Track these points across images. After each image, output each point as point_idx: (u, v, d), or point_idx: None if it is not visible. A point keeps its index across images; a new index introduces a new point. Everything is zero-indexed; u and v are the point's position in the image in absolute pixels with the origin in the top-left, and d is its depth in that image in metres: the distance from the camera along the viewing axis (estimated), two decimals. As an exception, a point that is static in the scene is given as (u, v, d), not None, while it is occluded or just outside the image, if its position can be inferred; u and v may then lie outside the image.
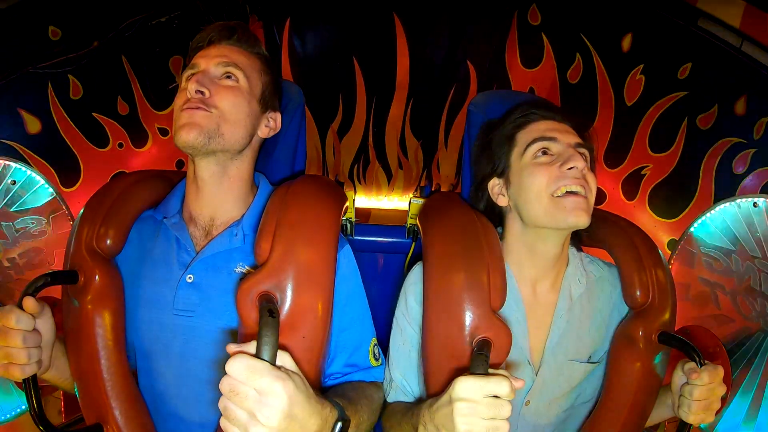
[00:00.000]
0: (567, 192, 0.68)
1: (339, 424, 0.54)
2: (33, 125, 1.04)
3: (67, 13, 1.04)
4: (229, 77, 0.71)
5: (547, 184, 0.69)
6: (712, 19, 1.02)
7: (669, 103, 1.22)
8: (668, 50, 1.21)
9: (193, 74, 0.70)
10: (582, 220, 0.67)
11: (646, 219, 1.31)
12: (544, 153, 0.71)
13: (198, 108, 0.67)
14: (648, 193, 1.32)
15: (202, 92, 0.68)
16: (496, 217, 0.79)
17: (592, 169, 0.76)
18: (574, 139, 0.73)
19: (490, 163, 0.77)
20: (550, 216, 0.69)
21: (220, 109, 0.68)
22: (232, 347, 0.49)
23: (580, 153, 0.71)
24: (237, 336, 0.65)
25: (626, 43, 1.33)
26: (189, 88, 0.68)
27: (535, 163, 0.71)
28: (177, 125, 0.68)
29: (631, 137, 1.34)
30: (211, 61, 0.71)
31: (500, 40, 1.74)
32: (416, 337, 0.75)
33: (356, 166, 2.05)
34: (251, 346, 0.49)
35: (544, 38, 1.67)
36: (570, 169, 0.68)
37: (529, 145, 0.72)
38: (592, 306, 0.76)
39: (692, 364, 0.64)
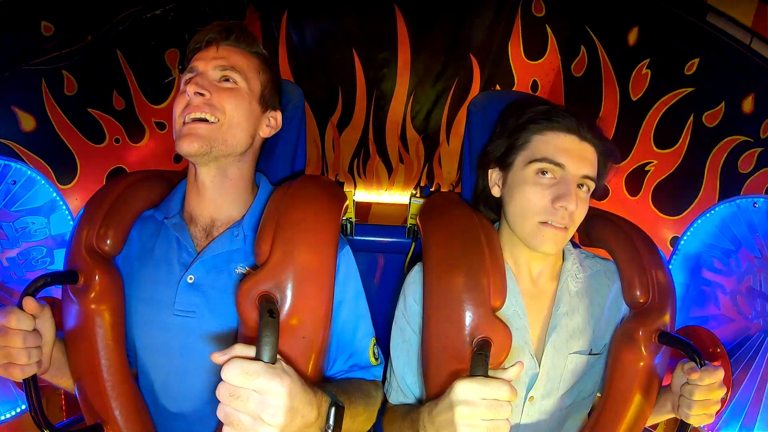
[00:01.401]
0: (550, 223, 0.69)
1: (333, 410, 0.55)
2: (27, 123, 1.02)
3: (60, 7, 1.02)
4: (227, 80, 0.70)
5: (535, 212, 0.69)
6: (722, 14, 0.99)
7: (675, 99, 1.20)
8: (675, 45, 1.18)
9: (191, 77, 0.70)
10: (552, 250, 0.71)
11: (649, 215, 1.30)
12: (546, 174, 0.70)
13: (201, 120, 0.67)
14: (652, 189, 1.30)
15: (201, 94, 0.67)
16: (493, 200, 0.78)
17: (597, 190, 0.73)
18: (584, 168, 0.69)
19: (499, 149, 0.75)
20: (527, 237, 0.71)
21: (224, 112, 0.68)
22: (217, 356, 0.49)
23: (581, 183, 0.70)
24: (237, 336, 0.65)
25: (632, 36, 1.31)
26: (188, 91, 0.68)
27: (534, 183, 0.70)
28: (178, 135, 0.68)
29: (635, 132, 1.32)
30: (209, 64, 0.70)
31: (503, 32, 1.70)
32: (415, 338, 0.75)
33: (356, 160, 2.03)
34: (247, 349, 0.49)
35: (548, 30, 1.64)
36: (560, 206, 0.68)
37: (536, 160, 0.70)
38: (590, 298, 0.77)
39: (692, 365, 0.64)
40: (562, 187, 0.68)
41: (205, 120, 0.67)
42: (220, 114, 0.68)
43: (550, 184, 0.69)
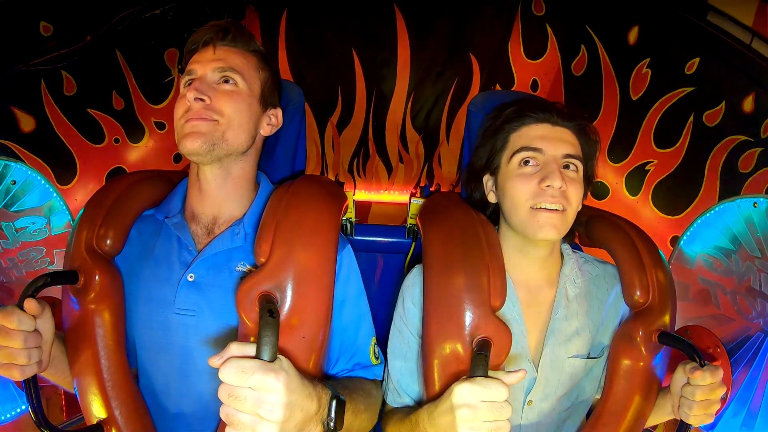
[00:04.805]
0: (542, 207, 0.69)
1: (334, 402, 0.55)
2: (27, 123, 1.03)
3: (58, 7, 1.02)
4: (227, 82, 0.70)
5: (526, 198, 0.70)
6: (722, 14, 0.99)
7: (675, 99, 1.21)
8: (676, 44, 1.18)
9: (190, 81, 0.69)
10: (551, 236, 0.69)
11: (650, 215, 1.30)
12: (528, 163, 0.71)
13: (201, 119, 0.67)
14: (652, 188, 1.30)
15: (202, 99, 0.67)
16: (489, 209, 0.79)
17: (588, 171, 0.75)
18: (564, 149, 0.71)
19: (486, 157, 0.77)
20: (524, 227, 0.71)
21: (222, 115, 0.68)
22: (214, 360, 0.49)
23: (566, 164, 0.71)
24: (237, 335, 0.65)
25: (632, 35, 1.31)
26: (188, 96, 0.67)
27: (518, 174, 0.71)
28: (181, 134, 0.68)
29: (635, 132, 1.32)
30: (207, 67, 0.70)
31: (503, 31, 1.71)
32: (413, 340, 0.75)
33: (356, 159, 2.04)
34: (243, 347, 0.49)
35: (549, 29, 1.64)
36: (548, 186, 0.68)
37: (515, 152, 0.72)
38: (588, 302, 0.76)
39: (693, 365, 0.64)
40: (545, 170, 0.70)
41: (205, 119, 0.67)
42: (220, 117, 0.68)
43: (533, 171, 0.71)
